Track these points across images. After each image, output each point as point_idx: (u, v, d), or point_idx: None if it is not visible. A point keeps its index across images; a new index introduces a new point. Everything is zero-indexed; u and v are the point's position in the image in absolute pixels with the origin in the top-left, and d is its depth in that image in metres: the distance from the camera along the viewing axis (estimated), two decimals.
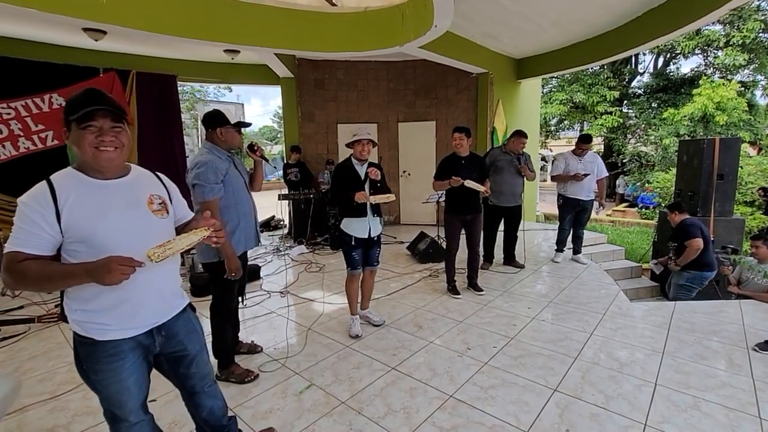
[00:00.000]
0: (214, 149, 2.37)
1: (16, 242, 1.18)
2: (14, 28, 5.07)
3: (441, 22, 4.22)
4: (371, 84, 7.44)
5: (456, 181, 3.55)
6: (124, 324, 1.31)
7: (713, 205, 4.78)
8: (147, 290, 1.34)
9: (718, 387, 2.33)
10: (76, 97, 1.26)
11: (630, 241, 8.30)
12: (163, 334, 1.42)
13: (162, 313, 1.41)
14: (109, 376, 1.31)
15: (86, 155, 1.25)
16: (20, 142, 5.14)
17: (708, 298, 4.26)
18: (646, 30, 5.27)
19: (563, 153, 4.96)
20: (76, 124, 1.23)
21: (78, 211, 1.21)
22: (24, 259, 1.17)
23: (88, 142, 1.24)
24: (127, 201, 1.31)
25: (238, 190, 2.40)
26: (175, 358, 1.48)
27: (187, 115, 18.66)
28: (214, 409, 1.63)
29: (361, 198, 2.80)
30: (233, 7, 4.62)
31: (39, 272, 1.17)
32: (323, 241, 6.14)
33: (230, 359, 2.52)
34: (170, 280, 1.46)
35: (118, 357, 1.31)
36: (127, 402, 1.36)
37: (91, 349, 1.29)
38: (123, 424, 1.41)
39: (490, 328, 3.18)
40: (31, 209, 1.17)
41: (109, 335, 1.29)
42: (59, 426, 2.11)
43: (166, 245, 1.23)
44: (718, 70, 13.65)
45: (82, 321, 1.28)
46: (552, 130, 17.36)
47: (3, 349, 3.01)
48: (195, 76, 7.34)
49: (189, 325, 1.52)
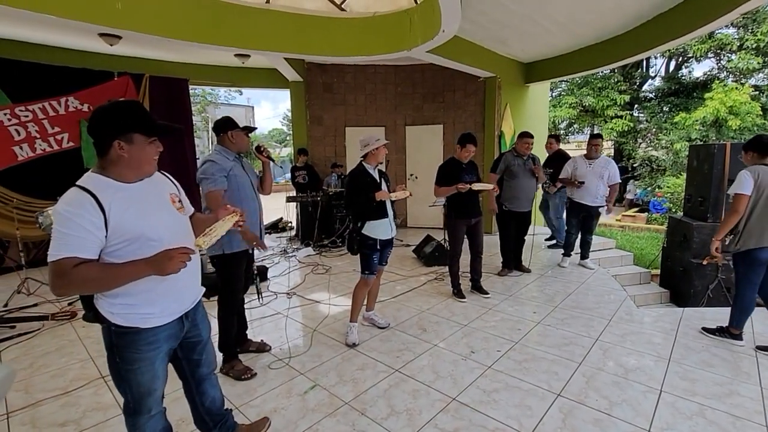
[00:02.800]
0: (223, 151, 2.53)
1: (68, 248, 1.22)
2: (33, 33, 5.22)
3: (449, 27, 4.25)
4: (379, 88, 7.49)
5: (464, 187, 3.57)
6: (166, 310, 1.44)
7: (724, 212, 4.70)
8: (186, 276, 1.45)
9: (725, 395, 2.31)
10: (140, 110, 1.37)
11: (639, 246, 8.21)
12: (189, 319, 1.56)
13: (193, 297, 1.58)
14: (145, 365, 1.42)
15: (142, 165, 1.38)
16: (37, 143, 5.27)
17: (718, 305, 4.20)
18: (658, 33, 5.22)
19: (574, 157, 4.93)
20: (144, 137, 1.35)
21: (123, 214, 1.30)
22: (79, 263, 1.23)
23: (151, 154, 1.40)
24: (157, 201, 1.44)
25: (243, 189, 2.52)
26: (190, 344, 1.62)
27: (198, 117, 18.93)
28: (216, 399, 1.78)
29: (383, 196, 2.84)
30: (244, 13, 4.71)
31: (101, 273, 1.26)
32: (330, 244, 6.19)
33: (233, 354, 2.62)
34: (199, 266, 1.63)
35: (154, 345, 1.43)
36: (156, 390, 1.49)
37: (133, 338, 1.39)
38: (144, 417, 1.50)
39: (495, 331, 3.18)
40: (80, 216, 1.23)
41: (152, 322, 1.41)
42: (71, 421, 2.16)
43: (210, 233, 1.42)
44: (731, 73, 13.44)
45: (125, 313, 1.37)
46: (561, 134, 17.24)
47: (18, 345, 3.10)
48: (206, 79, 7.48)
49: (203, 311, 1.69)
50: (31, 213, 4.75)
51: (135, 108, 1.37)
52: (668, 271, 5.34)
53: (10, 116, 5.08)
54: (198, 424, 1.80)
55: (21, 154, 5.17)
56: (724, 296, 4.52)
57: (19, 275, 4.42)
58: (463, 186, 3.58)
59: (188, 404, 1.77)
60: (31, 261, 4.75)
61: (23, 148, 5.18)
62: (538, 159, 4.63)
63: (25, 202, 5.09)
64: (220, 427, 1.81)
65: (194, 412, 1.78)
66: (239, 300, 2.69)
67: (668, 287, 5.25)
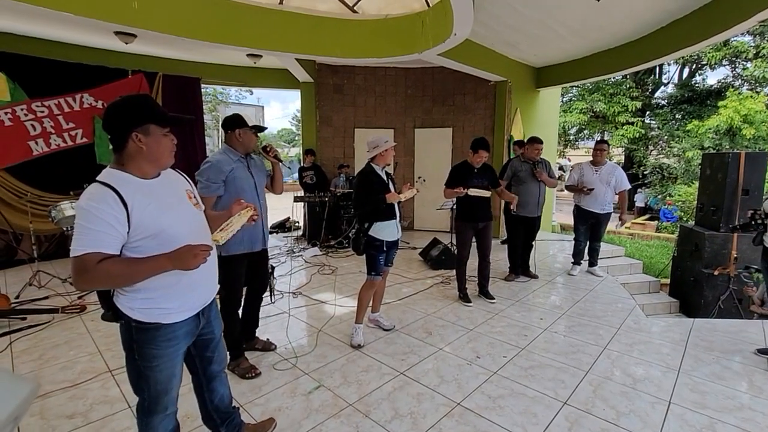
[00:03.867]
0: (229, 151, 2.48)
1: (92, 244, 1.22)
2: (50, 31, 5.32)
3: (460, 31, 4.24)
4: (389, 90, 7.50)
5: (460, 192, 3.59)
6: (185, 305, 1.45)
7: (737, 221, 4.63)
8: (204, 272, 1.48)
9: (736, 409, 2.26)
10: (151, 102, 1.40)
11: (649, 255, 8.11)
12: (204, 316, 1.58)
13: (210, 293, 1.59)
14: (164, 361, 1.43)
15: (161, 157, 1.39)
16: (52, 139, 5.37)
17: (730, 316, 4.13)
18: (672, 40, 5.16)
19: (580, 163, 4.89)
20: (159, 128, 1.37)
21: (145, 210, 1.31)
22: (102, 259, 1.23)
23: (168, 146, 1.41)
24: (176, 197, 1.46)
25: (245, 191, 2.45)
26: (204, 341, 1.64)
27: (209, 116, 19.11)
28: (224, 396, 1.78)
29: (393, 198, 2.85)
30: (257, 13, 4.75)
31: (125, 268, 1.27)
32: (336, 244, 6.20)
33: (239, 351, 2.63)
34: (216, 264, 1.64)
35: (173, 342, 1.44)
36: (173, 388, 1.50)
37: (154, 334, 1.40)
38: (159, 416, 1.50)
39: (501, 337, 3.16)
40: (103, 212, 1.23)
41: (172, 318, 1.42)
42: (78, 413, 2.18)
43: (227, 228, 1.46)
44: (746, 82, 13.25)
45: (146, 308, 1.38)
46: (571, 139, 17.11)
47: (28, 337, 3.15)
48: (218, 78, 7.55)
49: (216, 309, 1.71)
50: (44, 207, 4.84)
51: (146, 100, 1.39)
52: (678, 281, 5.27)
53: (27, 111, 5.18)
54: (206, 420, 1.81)
55: (36, 148, 5.26)
56: (735, 308, 4.45)
57: (31, 268, 4.49)
58: (459, 190, 3.59)
59: (197, 400, 1.78)
60: (43, 254, 4.82)
61: (38, 143, 5.28)
62: (548, 163, 4.59)
63: (38, 195, 5.18)
64: (227, 425, 1.81)
65: (203, 409, 1.79)
66: (238, 299, 2.68)
67: (678, 297, 5.18)
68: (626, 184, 4.67)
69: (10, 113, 5.05)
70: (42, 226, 4.82)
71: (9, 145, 5.04)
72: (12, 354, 2.87)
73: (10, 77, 5.03)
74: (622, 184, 4.64)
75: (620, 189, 4.65)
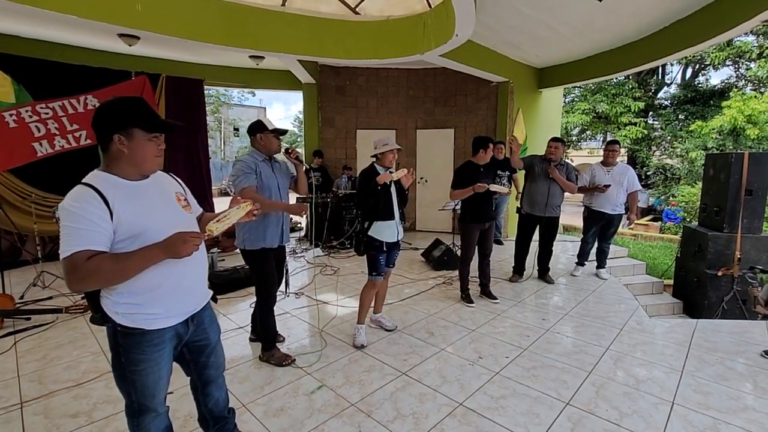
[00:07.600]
0: (254, 153, 2.66)
1: (80, 242, 1.21)
2: (54, 33, 5.36)
3: (462, 32, 4.25)
4: (391, 91, 7.51)
5: (481, 187, 3.54)
6: (171, 311, 1.43)
7: (740, 222, 4.61)
8: (193, 277, 1.48)
9: (740, 410, 2.25)
10: (141, 106, 1.36)
11: (652, 255, 8.06)
12: (194, 322, 1.55)
13: (199, 300, 1.56)
14: (149, 366, 1.40)
15: (143, 161, 1.37)
16: (56, 140, 5.39)
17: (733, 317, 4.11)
18: (675, 40, 5.14)
19: (591, 164, 4.86)
20: (144, 133, 1.34)
21: (127, 211, 1.30)
22: (90, 256, 1.22)
23: (152, 151, 1.38)
24: (163, 200, 1.44)
25: (269, 189, 2.61)
26: (198, 347, 1.61)
27: (211, 117, 19.19)
28: (219, 400, 1.77)
29: (385, 177, 2.88)
30: (260, 15, 4.77)
31: (115, 262, 1.25)
32: (339, 245, 6.20)
33: (273, 343, 2.76)
34: (205, 269, 1.61)
35: (159, 347, 1.41)
36: (160, 391, 1.48)
37: (138, 339, 1.37)
38: (149, 416, 1.49)
39: (503, 337, 3.15)
40: (88, 211, 1.23)
41: (157, 324, 1.39)
42: (82, 413, 2.20)
43: (222, 219, 1.42)
44: (750, 82, 13.18)
45: (130, 313, 1.35)
46: (573, 140, 17.07)
47: (32, 336, 3.17)
48: (221, 80, 7.59)
49: (212, 315, 1.67)
50: (48, 208, 4.86)
51: (136, 103, 1.36)
52: (682, 282, 5.24)
53: (31, 113, 5.21)
54: (200, 421, 1.82)
55: (40, 150, 5.28)
56: (739, 309, 4.42)
57: (35, 268, 4.52)
58: (480, 186, 3.54)
59: (194, 401, 1.78)
60: (47, 255, 4.84)
61: (42, 145, 5.30)
62: (573, 168, 4.47)
63: (42, 197, 5.20)
64: (218, 430, 1.80)
65: (198, 410, 1.80)
66: (274, 295, 2.77)
67: (681, 298, 5.15)
68: (638, 185, 4.64)
69: (15, 115, 5.08)
70: (46, 227, 4.85)
71: (14, 147, 5.07)
72: (17, 354, 2.89)
73: (14, 79, 5.06)
74: (634, 185, 4.60)
75: (632, 190, 4.61)
